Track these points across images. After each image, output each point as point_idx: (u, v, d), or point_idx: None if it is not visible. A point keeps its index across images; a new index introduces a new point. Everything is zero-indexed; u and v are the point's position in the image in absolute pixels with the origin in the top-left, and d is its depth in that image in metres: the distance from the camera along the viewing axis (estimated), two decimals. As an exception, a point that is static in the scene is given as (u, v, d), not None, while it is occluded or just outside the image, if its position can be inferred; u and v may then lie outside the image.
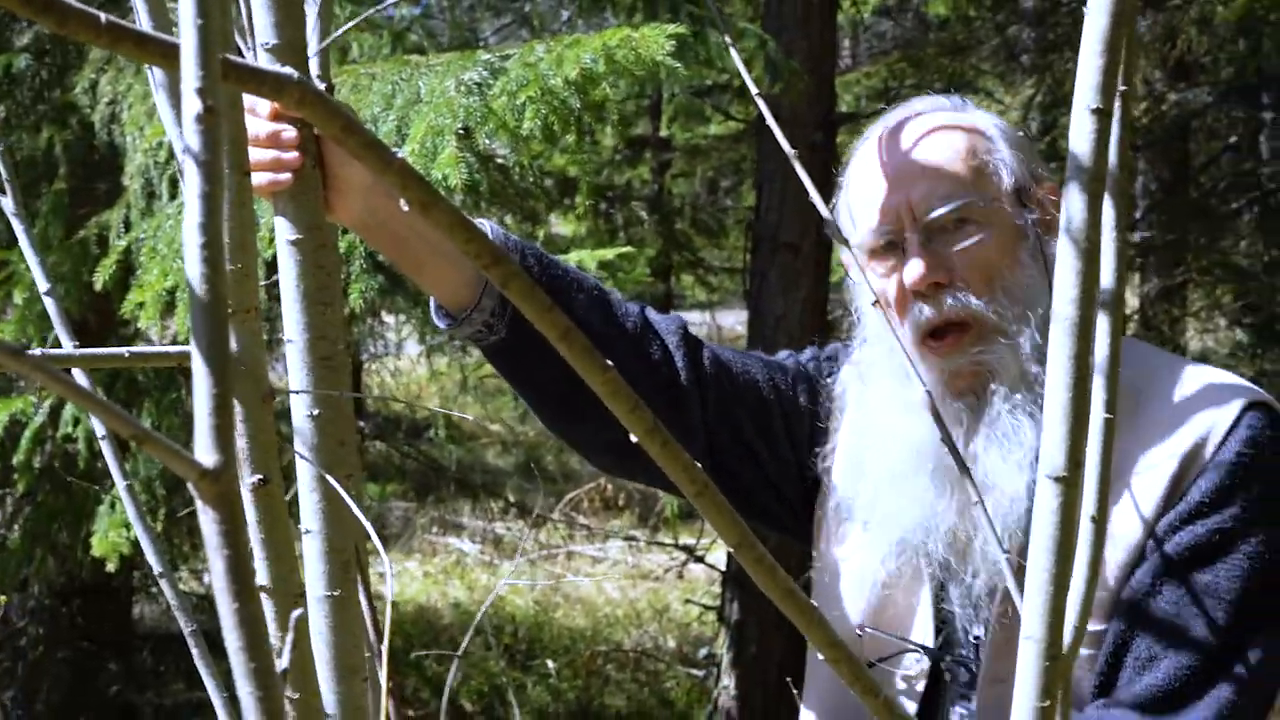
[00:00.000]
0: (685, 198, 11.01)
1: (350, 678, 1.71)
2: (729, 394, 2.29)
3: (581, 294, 2.21)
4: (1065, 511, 1.23)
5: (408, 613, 10.05)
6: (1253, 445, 1.98)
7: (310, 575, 1.69)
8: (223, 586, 0.82)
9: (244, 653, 0.83)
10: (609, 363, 1.06)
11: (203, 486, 0.81)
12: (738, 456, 2.32)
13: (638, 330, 2.24)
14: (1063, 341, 1.21)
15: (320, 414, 1.65)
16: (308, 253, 1.63)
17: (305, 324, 1.64)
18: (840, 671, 1.23)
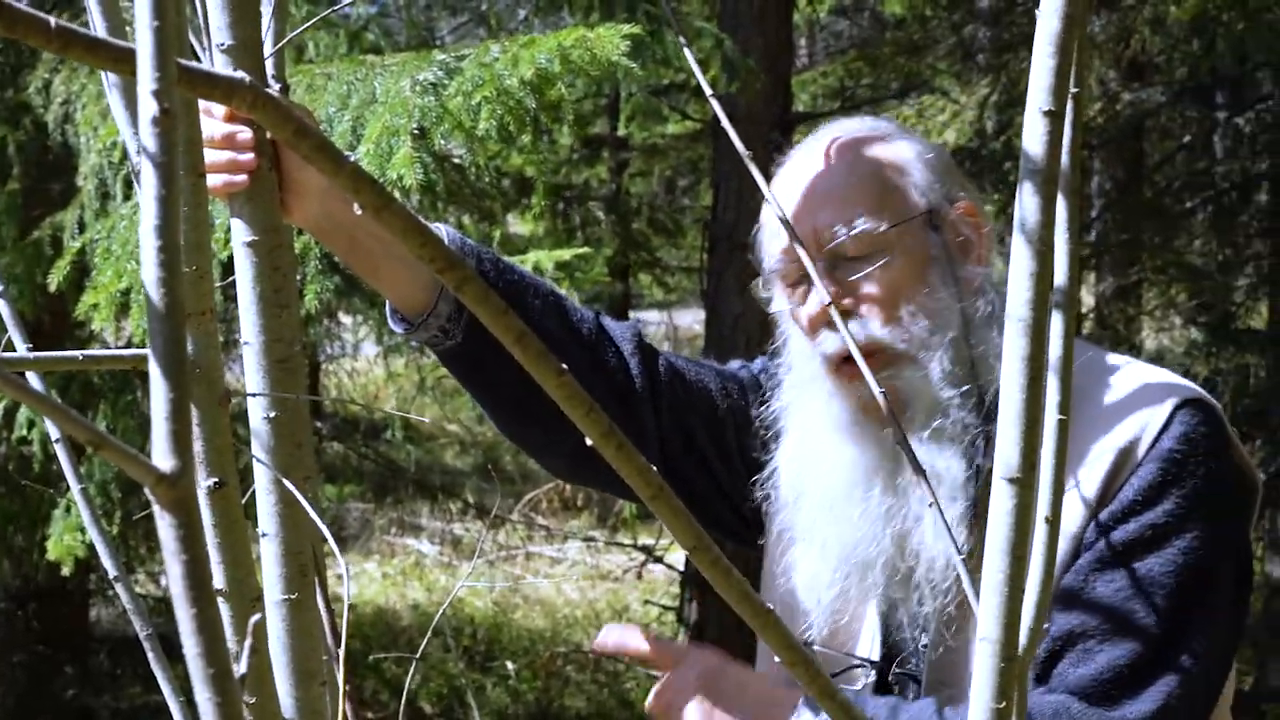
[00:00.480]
0: (643, 197, 11.01)
1: (308, 681, 1.70)
2: (683, 402, 2.29)
3: (537, 299, 2.20)
4: (1020, 513, 1.23)
5: (366, 614, 10.02)
6: (1185, 441, 1.99)
7: (268, 579, 1.68)
8: (180, 591, 0.82)
9: (202, 658, 0.83)
10: (564, 366, 1.06)
11: (160, 491, 0.80)
12: (691, 465, 2.32)
13: (593, 336, 2.24)
14: (1016, 343, 1.21)
15: (277, 416, 1.65)
16: (264, 254, 1.62)
17: (262, 326, 1.63)
18: (798, 674, 1.23)
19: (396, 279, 2.08)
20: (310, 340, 5.63)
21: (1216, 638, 2.01)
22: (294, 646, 1.68)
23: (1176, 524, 1.98)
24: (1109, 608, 1.98)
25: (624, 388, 2.24)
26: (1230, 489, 2.06)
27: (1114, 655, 1.97)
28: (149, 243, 0.79)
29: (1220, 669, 2.05)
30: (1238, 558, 2.07)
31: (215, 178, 1.68)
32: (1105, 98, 8.70)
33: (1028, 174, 1.20)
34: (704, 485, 2.34)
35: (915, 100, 9.27)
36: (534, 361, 1.05)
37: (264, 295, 1.62)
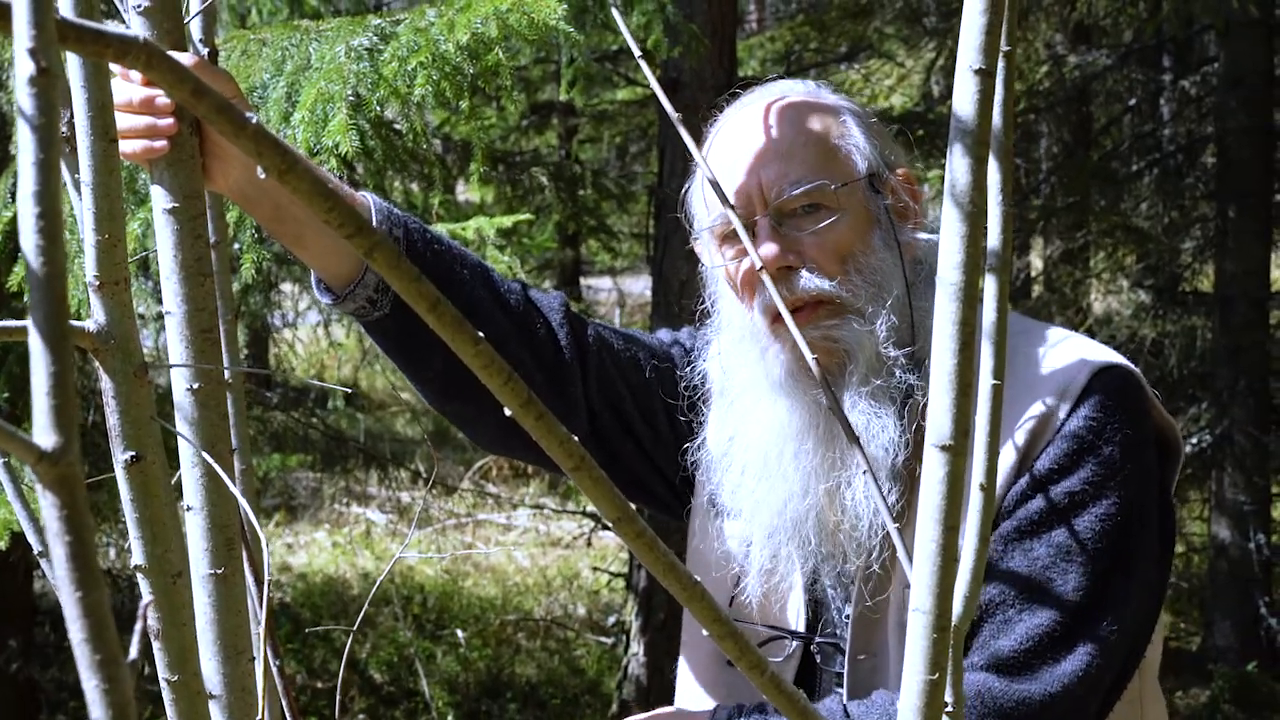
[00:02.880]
0: (592, 163, 10.98)
1: (236, 658, 1.67)
2: (611, 373, 2.27)
3: (465, 269, 2.17)
4: (952, 481, 1.21)
5: (316, 584, 9.99)
6: (1101, 409, 2.00)
7: (194, 553, 1.65)
8: (64, 574, 0.78)
9: (88, 644, 0.79)
10: (481, 335, 1.03)
11: (41, 469, 0.77)
12: (620, 435, 2.31)
13: (520, 307, 2.21)
14: (948, 306, 1.19)
15: (200, 388, 1.61)
16: (185, 222, 1.58)
17: (184, 295, 1.59)
18: (725, 648, 1.20)
19: (323, 249, 2.04)
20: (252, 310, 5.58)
21: (1138, 602, 2.02)
22: (221, 622, 1.65)
23: (1094, 491, 1.99)
24: (1027, 577, 1.98)
25: (552, 358, 2.22)
26: (1148, 454, 2.06)
27: (1032, 624, 1.97)
28: (27, 210, 0.75)
29: (1143, 633, 2.06)
30: (1159, 522, 2.08)
31: (134, 143, 1.65)
32: (1051, 61, 8.71)
33: (958, 134, 1.18)
34: (633, 455, 2.33)
35: (862, 64, 9.27)
36: (450, 329, 1.02)
37: (185, 264, 1.58)
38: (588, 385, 2.25)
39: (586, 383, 2.25)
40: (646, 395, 2.30)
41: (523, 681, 8.66)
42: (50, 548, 0.76)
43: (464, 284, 2.15)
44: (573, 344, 2.23)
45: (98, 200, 1.41)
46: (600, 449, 2.29)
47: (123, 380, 1.46)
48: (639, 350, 2.32)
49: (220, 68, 1.93)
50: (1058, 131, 9.93)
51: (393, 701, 8.27)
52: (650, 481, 2.36)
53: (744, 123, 2.15)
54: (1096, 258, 9.69)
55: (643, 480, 2.37)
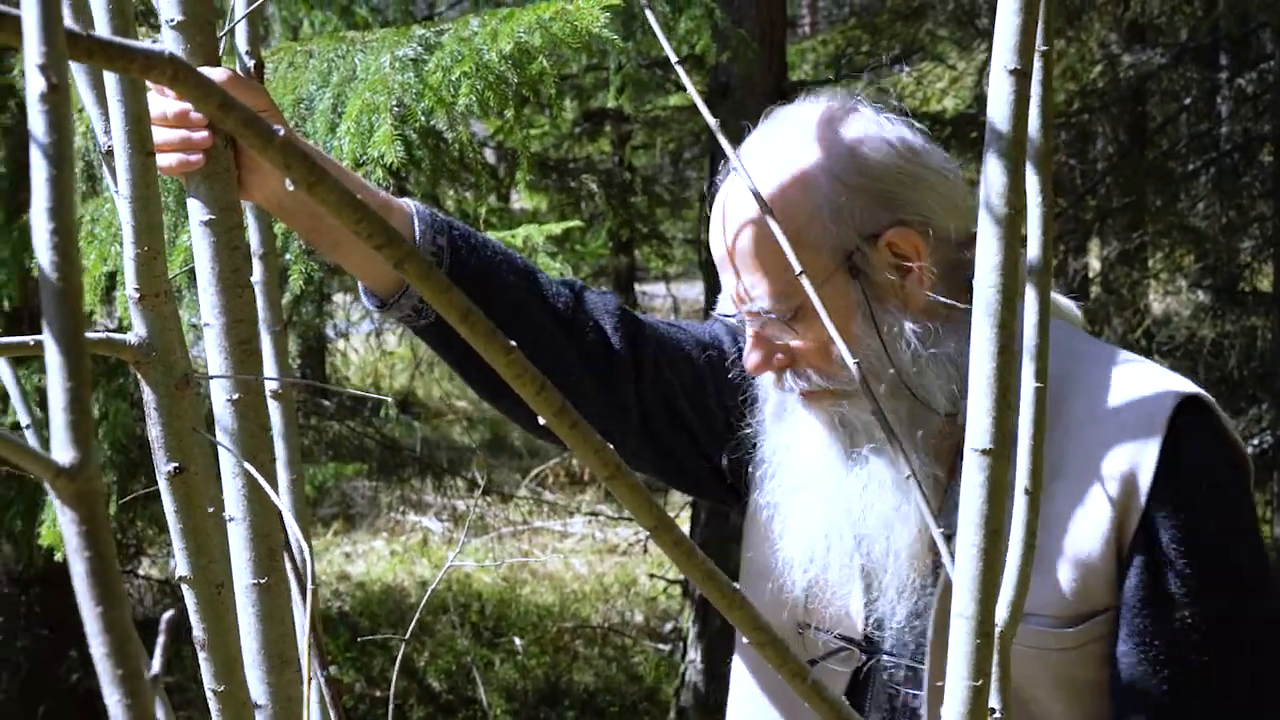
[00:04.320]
0: (645, 170, 10.98)
1: (281, 668, 1.67)
2: (665, 371, 2.26)
3: (511, 274, 2.16)
4: (993, 486, 1.20)
5: (374, 592, 10.02)
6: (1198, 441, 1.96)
7: (236, 563, 1.65)
8: (84, 591, 0.78)
9: (110, 659, 0.79)
10: (513, 344, 1.03)
11: (59, 485, 0.77)
12: (673, 430, 2.29)
13: (569, 310, 2.20)
14: (986, 310, 1.18)
15: (240, 399, 1.62)
16: (221, 234, 1.59)
17: (222, 307, 1.59)
18: (766, 655, 1.20)
19: (364, 258, 2.04)
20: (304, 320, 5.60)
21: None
22: (265, 632, 1.65)
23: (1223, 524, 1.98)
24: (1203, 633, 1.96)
25: (602, 358, 2.21)
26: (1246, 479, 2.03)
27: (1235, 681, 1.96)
28: (41, 225, 0.75)
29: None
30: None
31: (170, 157, 1.65)
32: (1106, 60, 8.65)
33: (993, 136, 1.17)
34: (687, 450, 2.31)
35: (914, 67, 9.23)
36: (482, 339, 1.02)
37: (222, 275, 1.58)
38: (641, 383, 2.24)
39: (640, 381, 2.24)
40: (699, 391, 2.28)
41: (581, 689, 8.66)
42: (70, 564, 0.76)
43: (508, 289, 2.14)
44: (625, 343, 2.22)
45: (136, 213, 1.41)
46: (653, 444, 2.28)
47: (164, 392, 1.47)
48: (691, 346, 2.29)
49: (252, 81, 1.94)
50: (1113, 131, 9.86)
51: (451, 709, 8.29)
52: (704, 476, 2.35)
53: (718, 209, 2.10)
54: (1154, 258, 9.60)
55: (697, 474, 2.36)
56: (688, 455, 2.32)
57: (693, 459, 2.33)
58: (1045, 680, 2.01)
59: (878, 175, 2.02)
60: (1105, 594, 1.97)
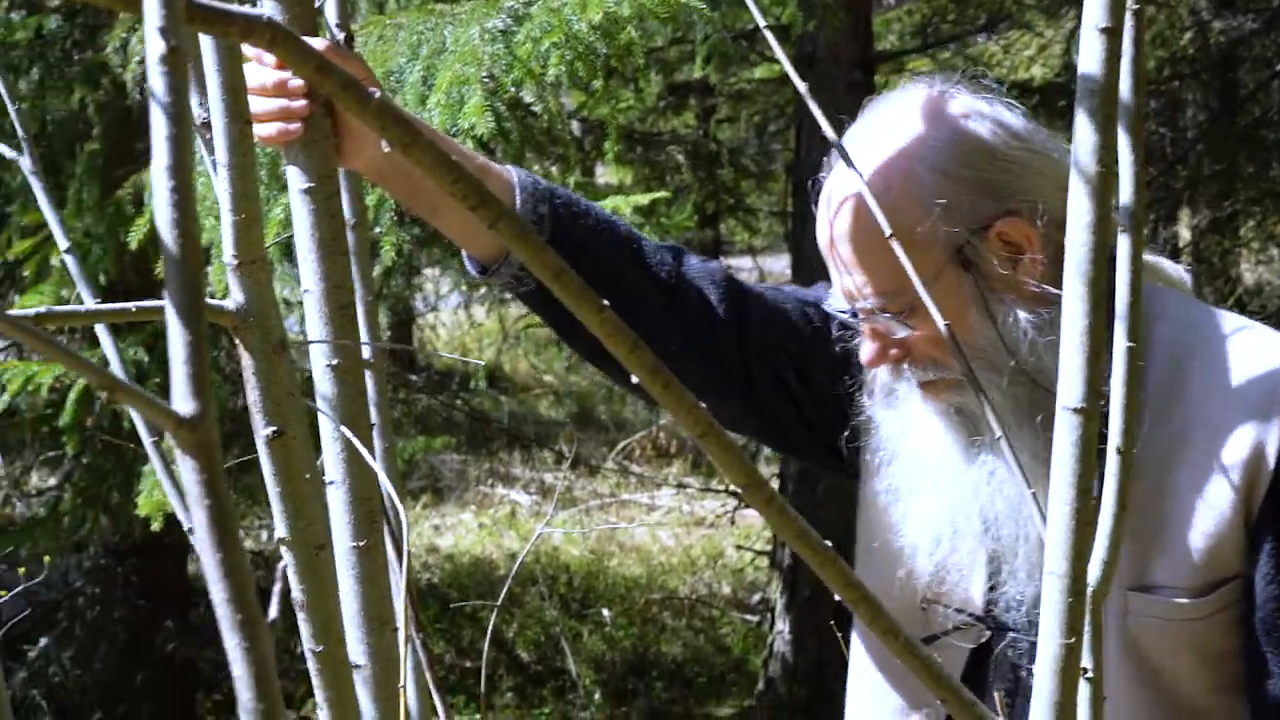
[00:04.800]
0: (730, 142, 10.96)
1: (380, 628, 1.70)
2: (770, 339, 2.25)
3: (615, 242, 2.17)
4: (1085, 444, 1.21)
5: (463, 565, 10.10)
6: None
7: (336, 526, 1.69)
8: (204, 537, 0.81)
9: (230, 604, 0.82)
10: (605, 303, 1.04)
11: (180, 435, 0.79)
12: (779, 399, 2.28)
13: (672, 278, 2.20)
14: (1077, 268, 1.18)
15: (339, 364, 1.65)
16: (320, 201, 1.62)
17: (321, 273, 1.63)
18: (859, 613, 1.21)
19: (463, 223, 2.06)
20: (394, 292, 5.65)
21: None
22: (364, 593, 1.69)
23: None
24: None
25: (705, 329, 2.21)
26: None
27: None
28: (161, 184, 0.78)
29: None
30: None
31: (269, 127, 1.68)
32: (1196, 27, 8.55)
33: (1084, 94, 1.17)
34: (793, 419, 2.31)
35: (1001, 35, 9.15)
36: (574, 298, 1.03)
37: (322, 241, 1.61)
38: (746, 351, 2.23)
39: (745, 348, 2.23)
40: (805, 360, 2.27)
41: (668, 660, 8.70)
42: (191, 511, 0.79)
43: (608, 257, 2.15)
44: (729, 311, 2.21)
45: (234, 181, 1.44)
46: (759, 411, 2.28)
47: (262, 357, 1.49)
48: (796, 315, 2.28)
49: (351, 50, 1.96)
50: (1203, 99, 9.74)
51: (540, 680, 8.35)
52: (809, 441, 2.35)
53: (824, 205, 2.09)
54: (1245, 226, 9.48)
55: (801, 440, 2.36)
56: (793, 422, 2.31)
57: (797, 426, 2.32)
58: (1180, 650, 2.01)
59: (982, 165, 2.00)
60: (1235, 561, 1.96)
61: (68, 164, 4.71)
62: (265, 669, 0.81)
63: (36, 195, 1.91)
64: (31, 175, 1.89)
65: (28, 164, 1.88)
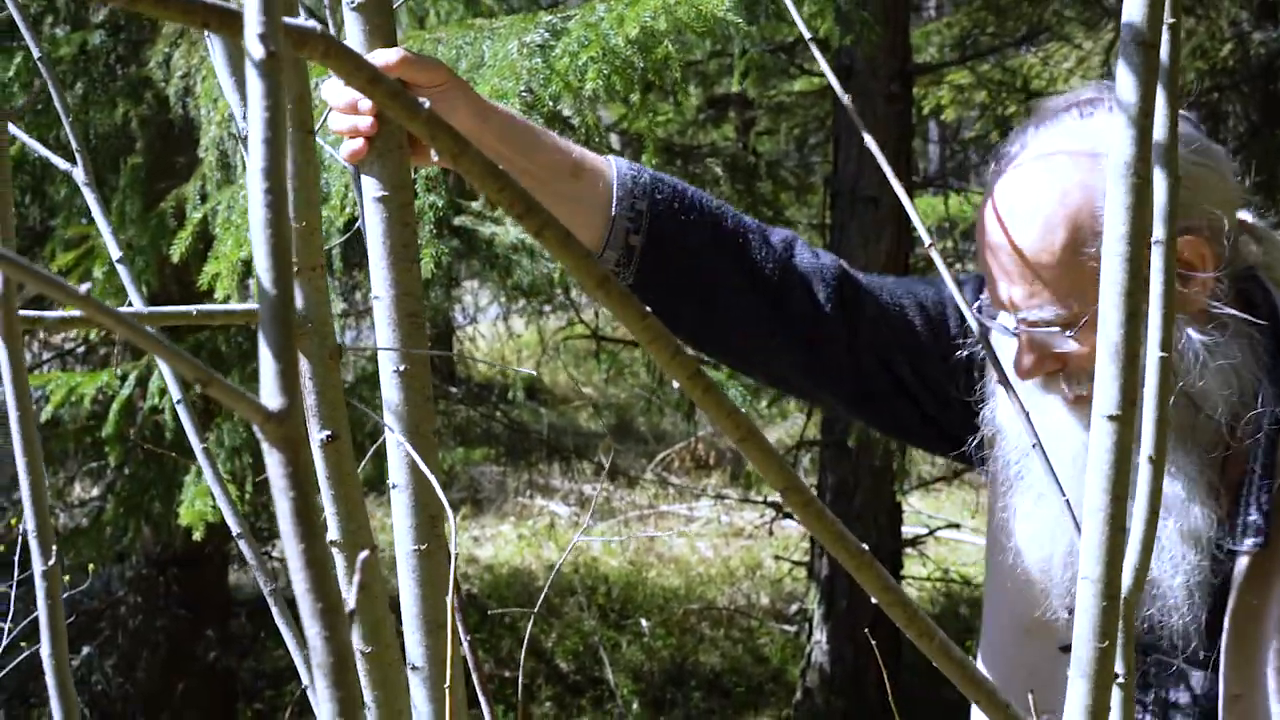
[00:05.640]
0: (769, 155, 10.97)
1: (438, 631, 1.73)
2: (884, 335, 2.24)
3: (716, 237, 2.16)
4: (1120, 450, 1.23)
5: (502, 575, 10.13)
6: None
7: (398, 530, 1.72)
8: (289, 529, 0.83)
9: (311, 594, 0.84)
10: (648, 310, 1.07)
11: (269, 429, 0.82)
12: (894, 394, 2.28)
13: (775, 273, 2.19)
14: (1114, 278, 1.20)
15: (406, 370, 1.68)
16: (394, 210, 1.66)
17: (392, 280, 1.66)
18: (894, 614, 1.23)
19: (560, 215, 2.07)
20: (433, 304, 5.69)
21: None
22: (424, 596, 1.72)
23: None
24: None
25: (808, 325, 2.21)
26: None
27: None
28: (256, 185, 0.81)
29: None
30: None
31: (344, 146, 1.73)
32: (1236, 38, 8.53)
33: (1122, 106, 1.19)
34: (911, 415, 2.30)
35: (1040, 48, 9.15)
36: (616, 304, 1.06)
37: (394, 249, 1.65)
38: (856, 346, 2.23)
39: (855, 344, 2.23)
40: (922, 359, 2.26)
41: (707, 670, 8.71)
42: (276, 503, 0.82)
43: (706, 252, 2.15)
44: (837, 308, 2.21)
45: (295, 188, 1.47)
46: (870, 403, 2.29)
47: (319, 362, 1.53)
48: (914, 311, 2.26)
49: (431, 59, 1.98)
50: (1244, 110, 9.71)
51: (578, 690, 8.37)
52: (932, 437, 2.35)
53: (994, 212, 2.05)
54: (1286, 237, 9.44)
55: (923, 435, 2.36)
56: (911, 417, 2.31)
57: (916, 420, 2.32)
58: None
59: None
60: None
61: (111, 177, 4.77)
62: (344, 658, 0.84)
63: (90, 206, 1.95)
64: (85, 186, 1.93)
65: (81, 175, 1.91)
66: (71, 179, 1.97)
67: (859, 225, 7.10)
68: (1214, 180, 2.01)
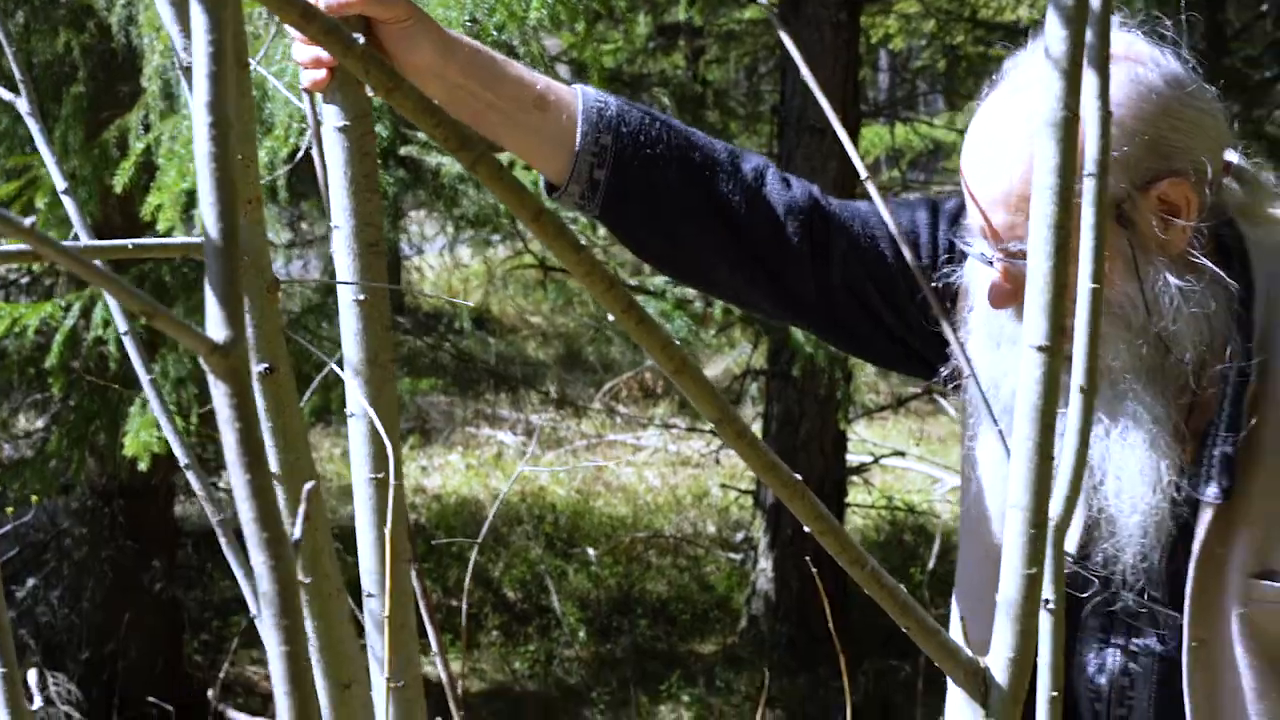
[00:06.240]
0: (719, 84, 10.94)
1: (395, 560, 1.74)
2: (855, 268, 2.23)
3: (682, 171, 2.15)
4: (1048, 381, 1.25)
5: (450, 505, 10.15)
6: None
7: (356, 458, 1.73)
8: (234, 459, 0.85)
9: (256, 523, 0.86)
10: (580, 243, 1.08)
11: (214, 361, 0.83)
12: (864, 320, 2.28)
13: (743, 205, 2.17)
14: (1043, 210, 1.22)
15: (365, 300, 1.69)
16: (355, 139, 1.67)
17: (352, 210, 1.67)
18: (826, 543, 1.25)
19: (527, 145, 2.08)
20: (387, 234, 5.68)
21: None
22: (380, 525, 1.73)
23: None
24: None
25: (775, 256, 2.20)
26: None
27: None
28: (201, 120, 0.82)
29: None
30: None
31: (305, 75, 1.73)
32: (1182, -33, 8.54)
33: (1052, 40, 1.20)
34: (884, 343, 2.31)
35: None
36: (551, 239, 1.07)
37: (354, 179, 1.66)
38: (827, 275, 2.22)
39: (826, 273, 2.22)
40: (891, 288, 2.24)
41: (653, 598, 8.77)
42: (222, 434, 0.83)
43: (674, 186, 2.14)
44: (805, 239, 2.20)
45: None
46: (839, 328, 2.30)
47: (256, 295, 1.53)
48: (885, 241, 2.24)
49: None
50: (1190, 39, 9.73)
51: (525, 618, 8.42)
52: (897, 356, 2.34)
53: (976, 141, 2.04)
54: (1230, 168, 9.47)
55: (889, 355, 2.36)
56: (883, 344, 2.31)
57: (887, 346, 2.31)
58: None
59: (1155, 120, 1.95)
60: None
61: (53, 107, 4.71)
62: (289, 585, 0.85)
63: (35, 137, 1.94)
64: (29, 117, 1.92)
65: (24, 105, 1.90)
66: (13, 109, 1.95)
67: (805, 154, 7.11)
68: (1206, 124, 1.99)
